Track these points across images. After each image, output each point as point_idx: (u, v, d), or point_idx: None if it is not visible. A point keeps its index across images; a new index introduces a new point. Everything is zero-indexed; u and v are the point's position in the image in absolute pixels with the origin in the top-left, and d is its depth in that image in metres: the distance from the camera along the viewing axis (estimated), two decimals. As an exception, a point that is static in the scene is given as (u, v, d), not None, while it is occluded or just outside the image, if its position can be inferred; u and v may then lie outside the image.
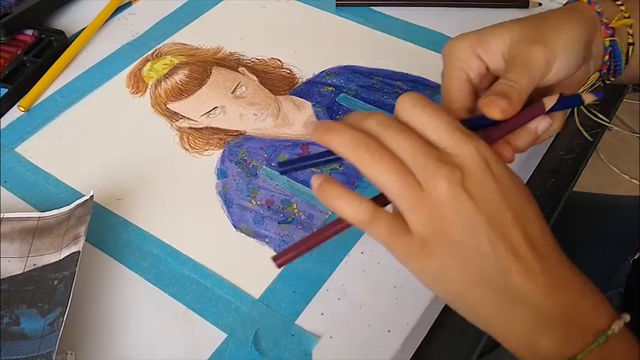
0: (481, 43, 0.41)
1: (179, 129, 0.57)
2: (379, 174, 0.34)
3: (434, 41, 0.63)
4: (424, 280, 0.35)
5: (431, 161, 0.33)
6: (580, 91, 0.48)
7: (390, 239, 0.34)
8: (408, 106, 0.35)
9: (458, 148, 0.34)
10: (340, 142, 0.35)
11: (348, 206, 0.35)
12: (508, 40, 0.41)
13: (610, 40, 0.45)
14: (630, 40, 0.46)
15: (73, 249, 0.44)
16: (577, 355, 0.32)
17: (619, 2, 0.46)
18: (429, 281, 0.35)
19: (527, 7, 0.66)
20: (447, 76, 0.43)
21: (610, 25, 0.45)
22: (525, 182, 0.50)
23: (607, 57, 0.46)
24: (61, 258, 0.45)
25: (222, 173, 0.52)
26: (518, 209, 0.34)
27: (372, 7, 0.67)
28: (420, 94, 0.35)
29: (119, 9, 0.71)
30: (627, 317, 0.33)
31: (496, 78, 0.41)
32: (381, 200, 0.35)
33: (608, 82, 0.49)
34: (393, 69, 0.60)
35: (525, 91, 0.39)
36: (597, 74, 0.48)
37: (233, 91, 0.59)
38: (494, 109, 0.38)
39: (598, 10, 0.45)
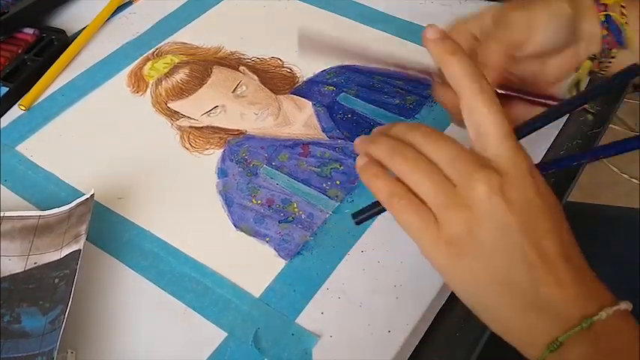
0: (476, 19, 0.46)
1: (180, 128, 0.57)
2: (413, 175, 0.35)
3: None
4: (447, 279, 0.35)
5: (470, 164, 0.34)
6: (574, 80, 0.49)
7: (418, 230, 0.34)
8: (475, 97, 0.35)
9: (502, 156, 0.34)
10: (378, 150, 0.37)
11: (382, 185, 0.36)
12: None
13: (605, 15, 0.46)
14: (623, 12, 0.46)
15: (74, 247, 0.45)
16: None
17: None
18: (452, 280, 0.35)
19: None
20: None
21: (601, 2, 0.46)
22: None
23: (605, 31, 0.46)
24: (61, 256, 0.45)
25: (222, 172, 0.52)
26: (555, 219, 0.34)
27: (373, 6, 0.67)
28: (488, 84, 0.36)
29: (120, 8, 0.71)
30: (628, 306, 0.33)
31: None
32: None
33: (604, 71, 0.49)
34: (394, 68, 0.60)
35: (501, 51, 0.44)
36: (589, 62, 0.48)
37: (234, 90, 0.59)
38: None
39: None
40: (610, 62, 0.48)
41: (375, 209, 0.39)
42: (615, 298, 0.33)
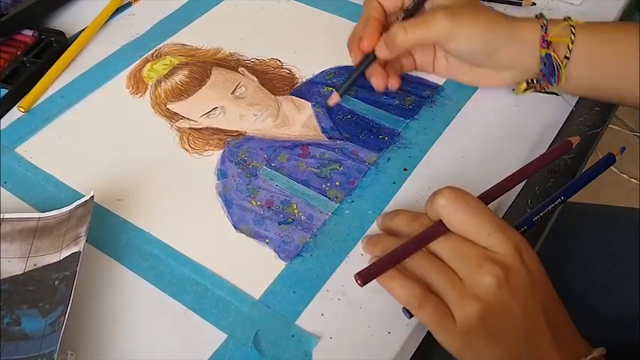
0: None
1: (179, 129, 0.57)
2: (428, 274, 0.40)
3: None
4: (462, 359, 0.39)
5: (474, 260, 0.38)
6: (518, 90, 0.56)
7: (435, 326, 0.39)
8: (447, 205, 0.40)
9: (500, 247, 0.38)
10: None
11: (400, 289, 0.40)
12: None
13: (545, 52, 0.51)
14: (567, 55, 0.51)
15: (74, 249, 0.45)
16: None
17: (572, 23, 0.51)
18: None
19: (521, 5, 0.65)
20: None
21: (546, 39, 0.51)
22: (525, 182, 0.50)
23: (542, 65, 0.52)
24: (61, 258, 0.45)
25: (222, 174, 0.52)
26: (543, 293, 0.39)
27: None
28: (456, 190, 0.40)
29: (119, 9, 0.71)
30: (600, 352, 0.39)
31: None
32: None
33: (544, 91, 0.56)
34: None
35: (411, 42, 0.51)
36: (524, 84, 0.55)
37: (233, 91, 0.59)
38: (379, 50, 0.53)
39: (543, 23, 0.51)
40: (547, 88, 0.54)
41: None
42: (590, 347, 0.39)
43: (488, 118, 0.55)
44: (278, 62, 0.62)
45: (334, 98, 0.55)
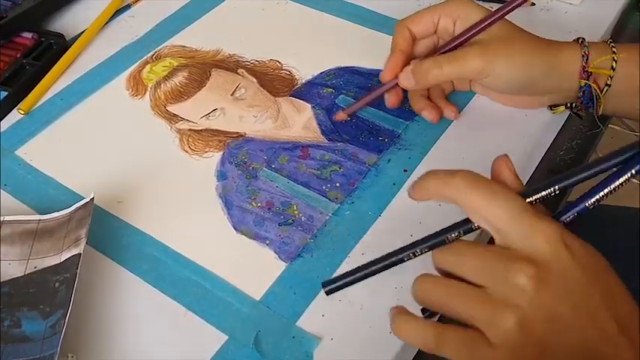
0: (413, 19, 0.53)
1: (179, 131, 0.57)
2: (450, 303, 0.34)
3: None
4: None
5: (498, 261, 0.32)
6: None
7: (470, 356, 0.33)
8: (463, 186, 0.34)
9: (532, 240, 0.32)
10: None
11: (412, 332, 0.35)
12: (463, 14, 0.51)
13: (585, 83, 0.49)
14: (608, 82, 0.49)
15: (74, 251, 0.45)
16: None
17: (614, 50, 0.49)
18: None
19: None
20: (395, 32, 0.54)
21: (587, 69, 0.49)
22: (525, 182, 0.50)
23: (581, 94, 0.50)
24: (61, 260, 0.45)
25: (222, 175, 0.52)
26: (605, 289, 0.32)
27: (371, 8, 0.67)
28: (472, 172, 0.35)
29: (118, 11, 0.71)
30: None
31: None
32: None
33: (583, 113, 0.54)
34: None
35: (443, 78, 0.50)
36: (562, 107, 0.54)
37: (232, 93, 0.59)
38: (403, 80, 0.51)
39: (584, 53, 0.49)
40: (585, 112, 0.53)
41: (347, 279, 0.38)
42: None
43: (488, 119, 0.55)
44: (277, 64, 0.62)
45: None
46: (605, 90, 0.49)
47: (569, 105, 0.53)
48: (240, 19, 0.69)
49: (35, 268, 0.45)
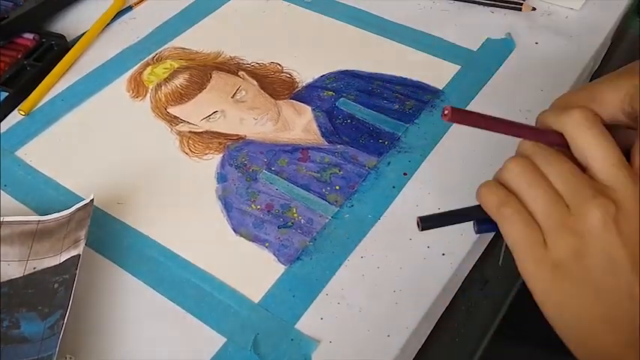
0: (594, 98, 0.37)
1: (179, 133, 0.57)
2: (530, 189, 0.34)
3: (436, 46, 0.63)
4: (545, 303, 0.34)
5: (587, 189, 0.33)
6: None
7: (525, 243, 0.33)
8: (581, 122, 0.34)
9: (620, 185, 0.32)
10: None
11: (490, 194, 0.35)
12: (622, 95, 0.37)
13: None
14: None
15: (73, 252, 0.45)
16: None
17: None
18: (550, 305, 0.34)
19: (521, 10, 0.65)
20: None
21: None
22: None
23: None
24: (61, 261, 0.45)
25: (222, 177, 0.52)
26: None
27: (372, 12, 0.67)
28: (592, 112, 0.34)
29: (120, 13, 0.71)
30: None
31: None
32: None
33: None
34: (393, 73, 0.60)
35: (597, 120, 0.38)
36: None
37: (233, 95, 0.59)
38: None
39: None
40: None
41: (445, 219, 0.37)
42: None
43: (488, 123, 0.55)
44: (278, 66, 0.63)
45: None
46: None
47: None
48: (241, 21, 0.69)
49: (34, 269, 0.45)
